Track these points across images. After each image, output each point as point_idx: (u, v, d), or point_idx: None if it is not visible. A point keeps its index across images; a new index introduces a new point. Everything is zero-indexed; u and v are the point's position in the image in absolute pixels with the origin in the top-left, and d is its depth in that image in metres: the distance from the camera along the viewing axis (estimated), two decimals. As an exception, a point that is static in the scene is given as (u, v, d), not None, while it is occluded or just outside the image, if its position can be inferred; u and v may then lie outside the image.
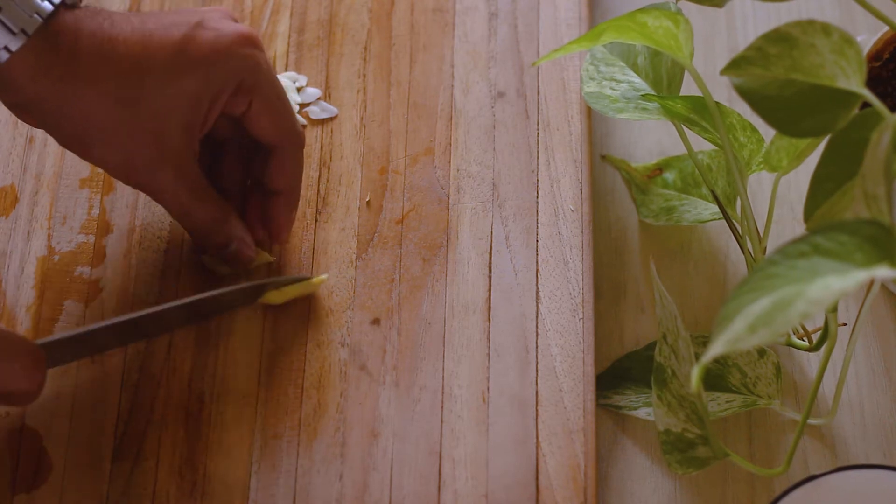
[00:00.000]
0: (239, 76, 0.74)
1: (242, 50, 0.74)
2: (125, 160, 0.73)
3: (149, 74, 0.72)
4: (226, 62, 0.73)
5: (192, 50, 0.72)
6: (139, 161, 0.73)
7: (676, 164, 0.86)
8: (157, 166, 0.73)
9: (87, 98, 0.71)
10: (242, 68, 0.74)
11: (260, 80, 0.74)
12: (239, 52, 0.73)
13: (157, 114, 0.72)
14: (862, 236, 0.56)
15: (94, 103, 0.71)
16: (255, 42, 0.74)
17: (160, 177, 0.74)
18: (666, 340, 0.74)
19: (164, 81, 0.72)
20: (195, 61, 0.73)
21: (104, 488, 0.75)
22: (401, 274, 0.80)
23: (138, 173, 0.74)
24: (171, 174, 0.74)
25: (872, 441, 0.78)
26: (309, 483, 0.75)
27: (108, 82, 0.71)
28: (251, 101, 0.75)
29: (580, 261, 0.80)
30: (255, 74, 0.74)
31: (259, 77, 0.74)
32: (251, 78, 0.74)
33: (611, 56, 0.82)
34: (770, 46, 0.64)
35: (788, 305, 0.55)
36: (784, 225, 0.85)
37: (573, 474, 0.74)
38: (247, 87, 0.74)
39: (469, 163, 0.84)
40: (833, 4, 0.92)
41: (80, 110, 0.71)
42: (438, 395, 0.77)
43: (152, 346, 0.78)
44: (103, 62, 0.71)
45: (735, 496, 0.77)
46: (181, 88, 0.72)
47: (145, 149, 0.73)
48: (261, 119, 0.76)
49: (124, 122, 0.72)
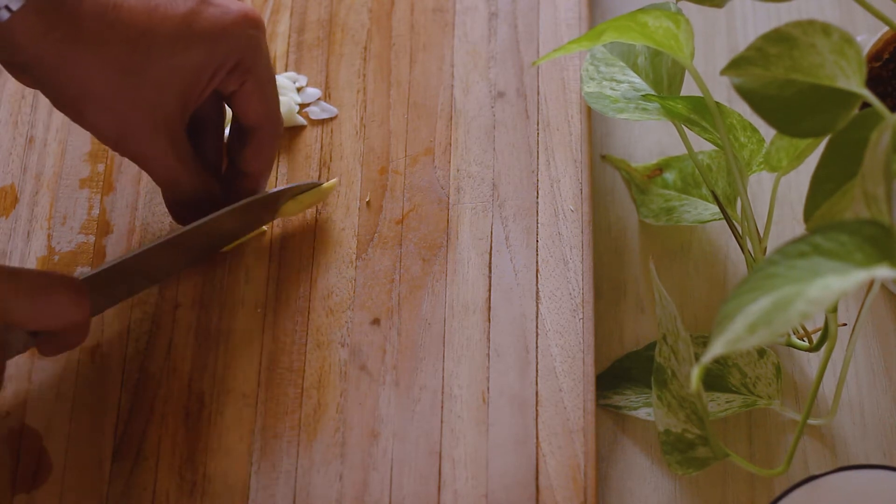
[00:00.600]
0: (239, 55, 0.74)
1: (245, 29, 0.74)
2: (120, 127, 0.74)
3: (153, 45, 0.72)
4: (228, 39, 0.74)
5: (196, 24, 0.73)
6: (134, 129, 0.74)
7: (676, 164, 0.86)
8: (152, 135, 0.74)
9: (87, 63, 0.71)
10: (243, 47, 0.74)
11: (257, 61, 0.75)
12: (241, 31, 0.74)
13: (158, 84, 0.73)
14: (862, 236, 0.56)
15: (95, 69, 0.71)
16: (257, 23, 0.75)
17: (154, 146, 0.74)
18: (666, 341, 0.74)
19: (167, 53, 0.72)
20: (199, 36, 0.73)
21: (104, 488, 0.75)
22: (401, 274, 0.80)
23: (132, 141, 0.74)
24: (165, 143, 0.74)
25: (872, 441, 0.78)
26: (309, 483, 0.75)
27: (110, 49, 0.71)
28: (245, 82, 0.75)
29: (580, 261, 0.80)
30: (253, 55, 0.75)
31: (257, 59, 0.75)
32: (250, 58, 0.75)
33: (611, 56, 0.82)
34: (770, 46, 0.64)
35: (788, 305, 0.55)
36: (784, 225, 0.85)
37: (573, 474, 0.74)
38: (244, 66, 0.75)
39: (469, 163, 0.84)
40: (833, 4, 0.92)
41: (79, 75, 0.71)
42: (438, 395, 0.77)
43: (152, 346, 0.78)
44: (107, 28, 0.71)
45: (735, 496, 0.77)
46: (184, 61, 0.73)
47: (142, 118, 0.73)
48: (250, 100, 0.76)
49: (124, 89, 0.72)
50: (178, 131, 0.75)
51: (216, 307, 0.80)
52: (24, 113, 0.86)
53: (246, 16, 0.74)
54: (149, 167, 0.76)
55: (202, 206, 0.78)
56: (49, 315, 0.71)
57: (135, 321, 0.79)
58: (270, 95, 0.77)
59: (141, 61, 0.72)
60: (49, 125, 0.86)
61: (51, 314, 0.71)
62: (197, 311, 0.80)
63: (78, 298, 0.71)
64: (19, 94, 0.87)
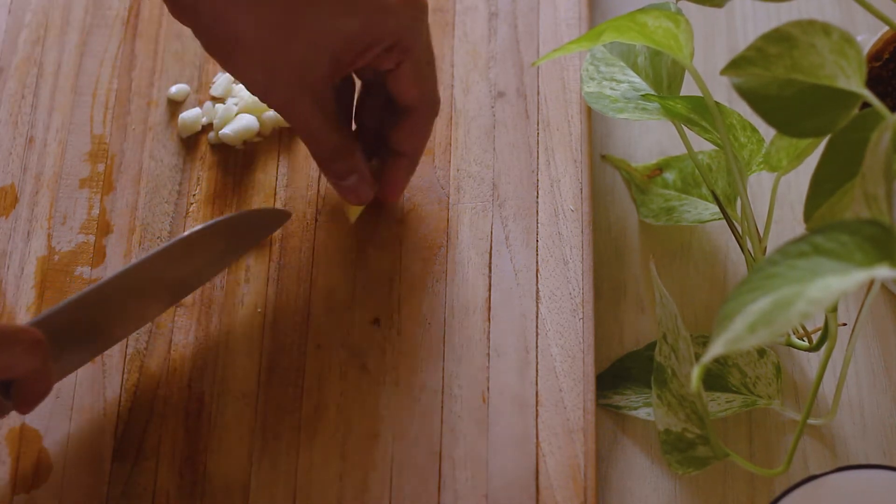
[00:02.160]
0: (397, 35, 0.74)
1: (408, 10, 0.74)
2: (266, 81, 0.74)
3: (310, 7, 0.72)
4: (389, 17, 0.73)
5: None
6: (280, 84, 0.73)
7: (676, 164, 0.86)
8: (297, 92, 0.74)
9: (242, 13, 0.71)
10: (403, 28, 0.73)
11: (416, 44, 0.74)
12: (404, 10, 0.73)
13: (310, 45, 0.72)
14: (862, 236, 0.56)
15: (248, 21, 0.71)
16: (421, 5, 0.74)
17: (297, 102, 0.74)
18: (666, 340, 0.74)
19: (323, 17, 0.72)
20: (361, 7, 0.72)
21: (104, 488, 0.75)
22: (401, 274, 0.80)
23: (276, 95, 0.74)
24: (308, 102, 0.74)
25: (872, 441, 0.78)
26: (309, 483, 0.75)
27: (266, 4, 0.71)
28: (402, 62, 0.75)
29: (580, 261, 0.80)
30: (413, 37, 0.74)
31: (416, 41, 0.74)
32: (408, 40, 0.74)
33: (611, 56, 0.82)
34: (770, 46, 0.64)
35: (788, 305, 0.55)
36: (784, 225, 0.85)
37: (573, 474, 0.74)
38: (402, 47, 0.74)
39: (469, 163, 0.84)
40: (833, 4, 0.92)
41: (233, 23, 0.72)
42: (438, 395, 0.77)
43: (152, 346, 0.78)
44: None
45: (735, 496, 0.77)
46: (338, 28, 0.72)
47: (289, 74, 0.73)
48: (406, 81, 0.75)
49: (274, 45, 0.72)
50: (326, 92, 0.74)
51: (216, 307, 0.80)
52: (24, 113, 0.86)
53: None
54: (290, 120, 0.76)
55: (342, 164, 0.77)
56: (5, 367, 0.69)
57: (135, 321, 0.79)
58: (428, 77, 0.76)
59: (296, 20, 0.71)
60: (49, 125, 0.86)
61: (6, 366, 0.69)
62: (197, 311, 0.80)
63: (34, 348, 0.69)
64: (19, 94, 0.87)
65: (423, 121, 0.78)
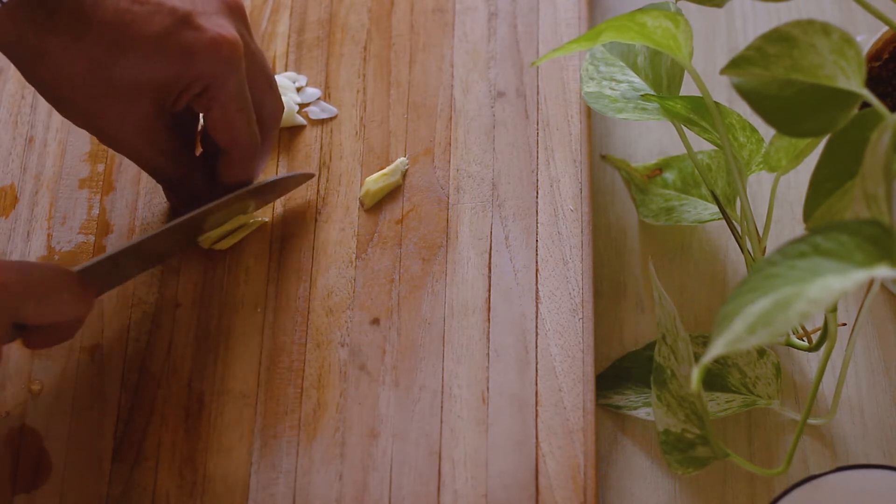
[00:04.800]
0: (204, 83, 0.75)
1: (214, 58, 0.74)
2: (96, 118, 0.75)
3: (124, 56, 0.73)
4: (195, 65, 0.74)
5: (167, 47, 0.74)
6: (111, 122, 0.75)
7: (676, 164, 0.86)
8: (129, 132, 0.75)
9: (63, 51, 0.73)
10: (209, 76, 0.75)
11: (222, 91, 0.76)
12: (210, 58, 0.74)
13: (129, 88, 0.74)
14: (862, 236, 0.56)
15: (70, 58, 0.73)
16: (230, 50, 0.75)
17: (129, 141, 0.76)
18: (665, 341, 0.74)
19: (136, 66, 0.73)
20: (168, 57, 0.74)
21: (104, 488, 0.75)
22: (400, 274, 0.80)
23: (107, 136, 0.76)
24: (144, 138, 0.76)
25: (872, 441, 0.78)
26: (309, 483, 0.75)
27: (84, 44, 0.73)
28: (211, 108, 0.76)
29: (580, 261, 0.80)
30: (219, 84, 0.75)
31: (223, 89, 0.76)
32: (216, 86, 0.75)
33: (610, 56, 0.82)
34: (770, 46, 0.64)
35: (788, 305, 0.55)
36: (784, 225, 0.85)
37: (573, 474, 0.74)
38: (210, 94, 0.76)
39: (469, 163, 0.84)
40: (833, 4, 0.92)
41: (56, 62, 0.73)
42: (438, 395, 0.77)
43: (152, 346, 0.78)
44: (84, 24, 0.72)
45: (735, 496, 0.77)
46: (152, 76, 0.74)
47: (117, 111, 0.74)
48: (216, 124, 0.77)
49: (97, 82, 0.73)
50: (157, 128, 0.76)
51: (216, 307, 0.80)
52: (24, 113, 0.86)
53: (218, 43, 0.74)
54: (131, 158, 0.78)
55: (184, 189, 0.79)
56: (55, 312, 0.71)
57: (135, 321, 0.79)
58: (236, 123, 0.77)
59: (113, 63, 0.73)
60: (49, 125, 0.86)
61: (57, 311, 0.71)
62: (197, 311, 0.80)
63: (83, 294, 0.72)
64: (19, 95, 0.87)
65: (238, 161, 0.79)
